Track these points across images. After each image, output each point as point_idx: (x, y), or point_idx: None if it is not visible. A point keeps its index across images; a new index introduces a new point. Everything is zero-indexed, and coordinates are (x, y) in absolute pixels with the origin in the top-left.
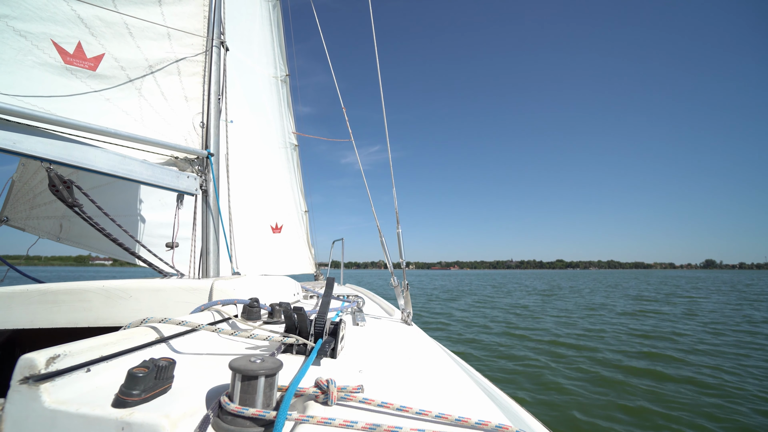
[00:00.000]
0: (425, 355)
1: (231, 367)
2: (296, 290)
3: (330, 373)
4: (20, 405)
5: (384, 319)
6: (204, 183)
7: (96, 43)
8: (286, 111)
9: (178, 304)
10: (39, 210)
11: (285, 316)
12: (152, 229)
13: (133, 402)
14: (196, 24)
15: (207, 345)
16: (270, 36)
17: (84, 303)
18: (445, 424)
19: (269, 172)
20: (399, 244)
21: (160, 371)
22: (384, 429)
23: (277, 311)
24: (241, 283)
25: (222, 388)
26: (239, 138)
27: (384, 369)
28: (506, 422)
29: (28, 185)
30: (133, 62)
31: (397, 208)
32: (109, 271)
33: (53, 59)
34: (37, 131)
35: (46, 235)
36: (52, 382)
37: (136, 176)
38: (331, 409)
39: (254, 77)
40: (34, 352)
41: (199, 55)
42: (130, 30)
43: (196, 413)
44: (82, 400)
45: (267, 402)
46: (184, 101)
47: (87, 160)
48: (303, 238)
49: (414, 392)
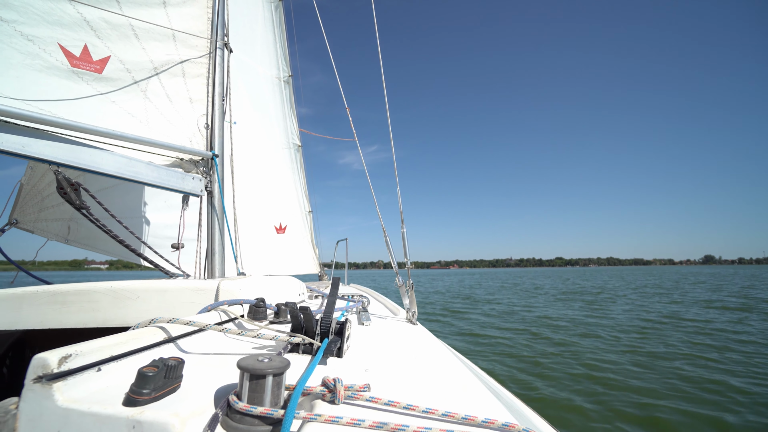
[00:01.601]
0: (431, 354)
1: (239, 366)
2: (301, 290)
3: (336, 372)
4: (34, 403)
5: (389, 319)
6: (209, 184)
7: (102, 46)
8: (289, 112)
9: (185, 305)
10: (47, 212)
11: (291, 316)
12: (158, 231)
13: (143, 401)
14: (200, 26)
15: (214, 345)
16: (273, 37)
17: (92, 304)
18: (451, 423)
19: (273, 172)
20: (404, 243)
21: (170, 370)
22: (391, 427)
23: (283, 311)
24: (246, 283)
25: (230, 387)
26: (243, 139)
27: (390, 368)
28: (513, 420)
29: (36, 188)
30: (138, 64)
31: (402, 208)
32: (106, 275)
33: (60, 62)
34: (45, 134)
35: (55, 237)
36: (64, 381)
37: (143, 178)
38: (339, 407)
39: (257, 78)
40: (46, 351)
41: (203, 57)
42: (135, 32)
43: (205, 412)
44: (94, 398)
45: (275, 401)
46: (189, 103)
47: (94, 162)
48: (307, 238)
49: (420, 391)
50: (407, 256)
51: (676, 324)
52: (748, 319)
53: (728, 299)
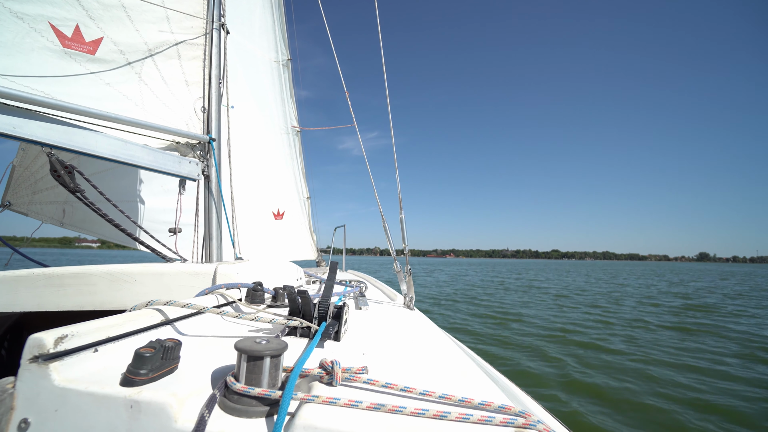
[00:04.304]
0: (428, 339)
1: (237, 347)
2: (299, 275)
3: (334, 355)
4: (31, 383)
5: (386, 304)
6: (206, 168)
7: (94, 26)
8: (288, 96)
9: (182, 288)
10: (41, 195)
11: (289, 300)
12: (154, 215)
13: (140, 381)
14: (196, 6)
15: (212, 327)
16: (271, 19)
17: (89, 286)
18: (448, 405)
19: (271, 157)
20: (402, 229)
21: (167, 352)
22: (388, 409)
23: (280, 295)
24: (244, 267)
25: (227, 368)
26: (241, 123)
27: (387, 351)
28: (509, 403)
29: (29, 170)
30: (132, 46)
31: (400, 193)
32: (98, 254)
33: (51, 43)
34: (37, 116)
35: (50, 220)
36: (61, 361)
37: (138, 161)
38: (336, 389)
39: (255, 61)
40: (42, 332)
41: (198, 38)
42: (128, 12)
43: (203, 392)
44: (91, 378)
45: (272, 382)
46: (185, 86)
47: (88, 145)
48: (305, 224)
49: (417, 374)
50: (405, 242)
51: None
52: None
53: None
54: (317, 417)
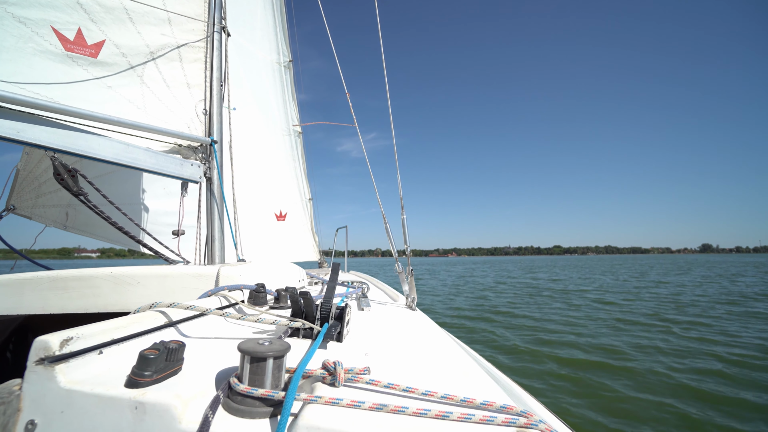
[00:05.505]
0: (430, 339)
1: (240, 349)
2: (301, 276)
3: (336, 356)
4: (37, 384)
5: (388, 305)
6: (208, 170)
7: (96, 30)
8: (289, 97)
9: (185, 290)
10: (45, 198)
11: (291, 301)
12: (157, 218)
13: (145, 383)
14: (197, 8)
15: (215, 329)
16: (272, 21)
17: (93, 289)
18: (450, 405)
19: (273, 159)
20: (404, 230)
21: (171, 353)
22: (390, 409)
23: (283, 296)
24: (247, 269)
25: (231, 370)
26: (242, 125)
27: (390, 352)
28: (511, 403)
29: (33, 174)
30: (134, 49)
31: (402, 194)
32: (98, 264)
33: (54, 46)
34: (40, 120)
35: (53, 224)
36: (66, 363)
37: (140, 164)
38: (339, 390)
39: (257, 63)
40: (48, 334)
41: (200, 41)
42: (130, 15)
43: (207, 394)
44: (96, 380)
45: (275, 383)
46: (187, 88)
47: (91, 148)
48: (307, 225)
49: (419, 374)
50: (407, 242)
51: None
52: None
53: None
54: (320, 417)
